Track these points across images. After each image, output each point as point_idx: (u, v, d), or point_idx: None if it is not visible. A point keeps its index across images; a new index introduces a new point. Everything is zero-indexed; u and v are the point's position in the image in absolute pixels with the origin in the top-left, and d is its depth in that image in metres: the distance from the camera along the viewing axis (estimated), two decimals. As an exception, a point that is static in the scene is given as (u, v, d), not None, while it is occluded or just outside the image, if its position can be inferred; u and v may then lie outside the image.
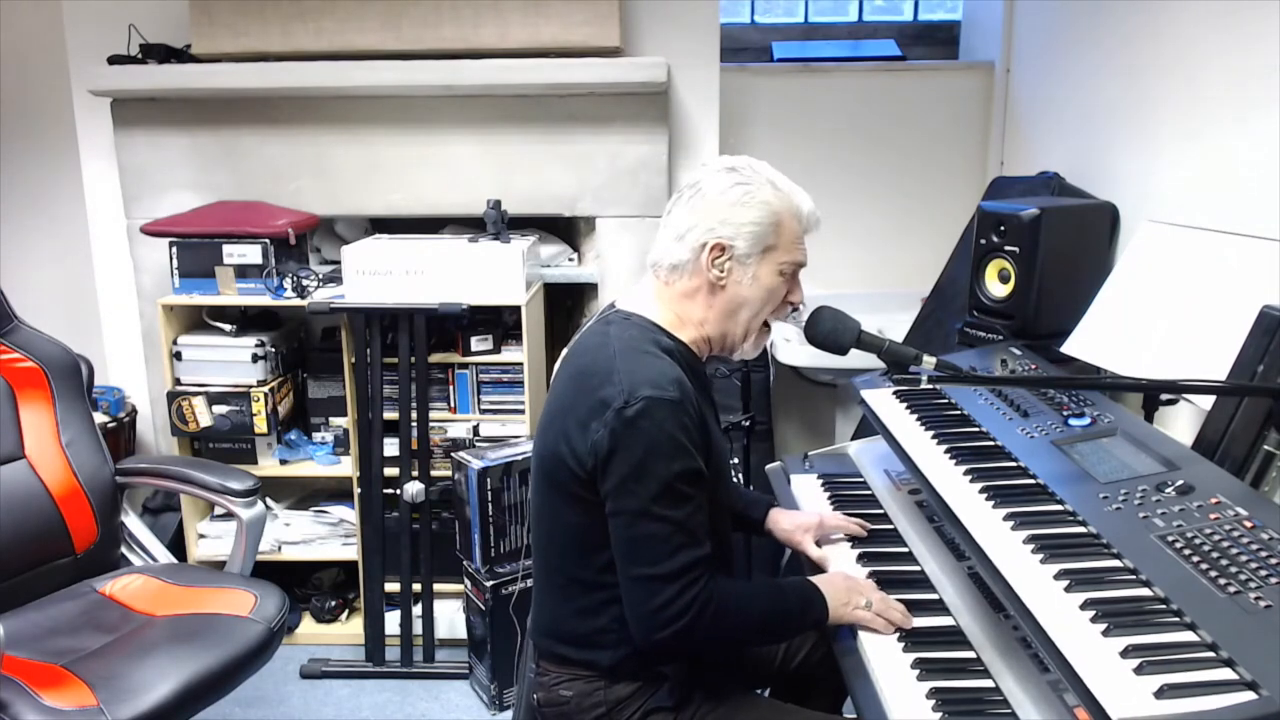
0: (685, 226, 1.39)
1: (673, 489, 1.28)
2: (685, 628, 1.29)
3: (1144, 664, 0.99)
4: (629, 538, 1.30)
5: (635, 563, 1.30)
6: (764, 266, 1.40)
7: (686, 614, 1.28)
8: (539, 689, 1.48)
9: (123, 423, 3.05)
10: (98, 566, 2.15)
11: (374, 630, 2.71)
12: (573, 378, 1.39)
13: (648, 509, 1.27)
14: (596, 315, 1.52)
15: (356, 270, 2.60)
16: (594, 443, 1.29)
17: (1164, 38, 2.19)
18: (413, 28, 2.76)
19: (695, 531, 1.30)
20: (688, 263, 1.40)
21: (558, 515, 1.40)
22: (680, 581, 1.28)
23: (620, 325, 1.41)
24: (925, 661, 1.33)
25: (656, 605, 1.28)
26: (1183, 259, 1.82)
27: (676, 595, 1.28)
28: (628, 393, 1.28)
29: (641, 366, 1.32)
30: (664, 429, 1.27)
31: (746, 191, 1.38)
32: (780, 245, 1.41)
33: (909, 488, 1.82)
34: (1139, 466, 1.37)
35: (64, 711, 1.61)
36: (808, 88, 3.34)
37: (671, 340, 1.41)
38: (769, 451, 3.13)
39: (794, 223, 1.42)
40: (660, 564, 1.28)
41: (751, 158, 1.44)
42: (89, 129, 3.01)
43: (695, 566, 1.29)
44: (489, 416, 2.74)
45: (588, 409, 1.31)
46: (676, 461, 1.28)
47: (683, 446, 1.28)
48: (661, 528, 1.28)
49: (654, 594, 1.29)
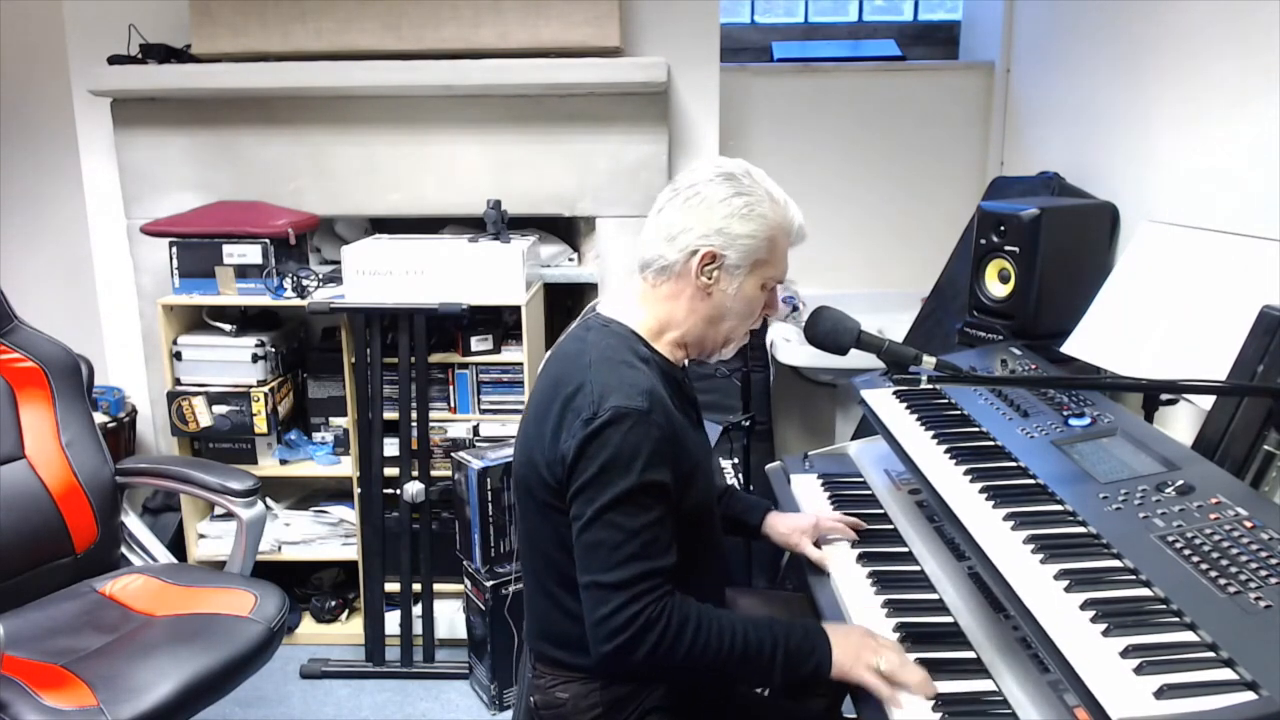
0: (678, 228, 1.38)
1: (630, 498, 1.25)
2: (629, 642, 1.24)
3: (1144, 664, 0.99)
4: (583, 543, 1.28)
5: (585, 569, 1.28)
6: (750, 280, 1.39)
7: (630, 628, 1.24)
8: (536, 691, 1.48)
9: (123, 423, 3.05)
10: (98, 566, 2.15)
11: (374, 630, 2.71)
12: (549, 388, 1.38)
13: (601, 515, 1.26)
14: (578, 319, 1.51)
15: (356, 270, 2.60)
16: (562, 453, 1.29)
17: (1164, 38, 2.19)
18: (413, 28, 2.76)
19: (651, 544, 1.26)
20: (675, 264, 1.38)
21: (536, 523, 1.39)
22: (627, 592, 1.24)
23: (599, 333, 1.40)
24: (925, 662, 1.32)
25: (603, 614, 1.25)
26: (1183, 259, 1.82)
27: (622, 606, 1.24)
28: (597, 402, 1.27)
29: (613, 377, 1.31)
30: (628, 439, 1.25)
31: (747, 204, 1.36)
32: (770, 261, 1.40)
33: (909, 488, 1.82)
34: (1139, 466, 1.37)
35: (64, 711, 1.61)
36: (808, 88, 3.34)
37: (649, 349, 1.40)
38: (769, 451, 3.13)
39: (784, 239, 1.40)
40: (609, 572, 1.25)
41: (747, 163, 1.41)
42: (89, 129, 3.01)
43: (646, 579, 1.25)
44: (489, 416, 2.74)
45: (559, 420, 1.31)
46: (637, 472, 1.25)
47: (645, 457, 1.26)
48: (613, 535, 1.25)
49: (601, 602, 1.25)
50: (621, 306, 1.45)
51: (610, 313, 1.45)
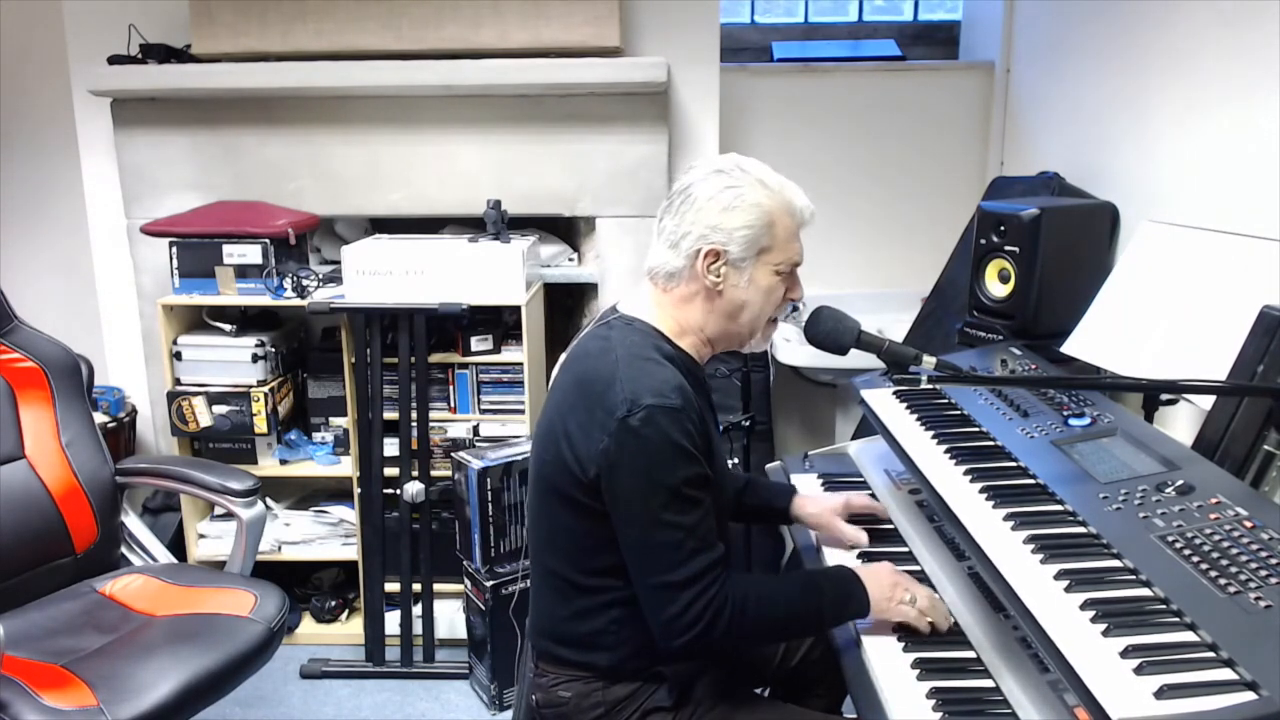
0: (678, 234, 1.38)
1: (681, 495, 1.28)
2: (703, 631, 1.29)
3: (1144, 664, 0.99)
4: (642, 547, 1.30)
5: (650, 571, 1.30)
6: (760, 268, 1.39)
7: (704, 618, 1.29)
8: (537, 690, 1.48)
9: (123, 423, 3.05)
10: (98, 566, 2.15)
11: (374, 630, 2.71)
12: (575, 384, 1.38)
13: (659, 517, 1.28)
14: (597, 318, 1.52)
15: (356, 270, 2.60)
16: (599, 451, 1.29)
17: (1164, 37, 2.19)
18: (413, 28, 2.76)
19: (706, 535, 1.31)
20: (683, 269, 1.39)
21: (556, 520, 1.40)
22: (696, 586, 1.28)
23: (622, 330, 1.40)
24: (925, 661, 1.33)
25: (675, 612, 1.29)
26: (1183, 259, 1.82)
27: (693, 600, 1.28)
28: (631, 401, 1.28)
29: (644, 374, 1.32)
30: (668, 437, 1.27)
31: (736, 194, 1.36)
32: (775, 245, 1.39)
33: (909, 487, 1.82)
34: (1139, 466, 1.37)
35: (64, 711, 1.61)
36: (808, 88, 3.34)
37: (672, 347, 1.41)
38: (769, 451, 3.13)
39: (787, 219, 1.39)
40: (675, 571, 1.28)
41: (740, 156, 1.41)
42: (89, 129, 3.01)
43: (710, 570, 1.30)
44: (489, 416, 2.74)
45: (591, 416, 1.31)
46: (682, 468, 1.28)
47: (687, 453, 1.29)
48: (673, 535, 1.28)
49: (671, 601, 1.29)
50: (641, 306, 1.45)
51: (632, 311, 1.45)
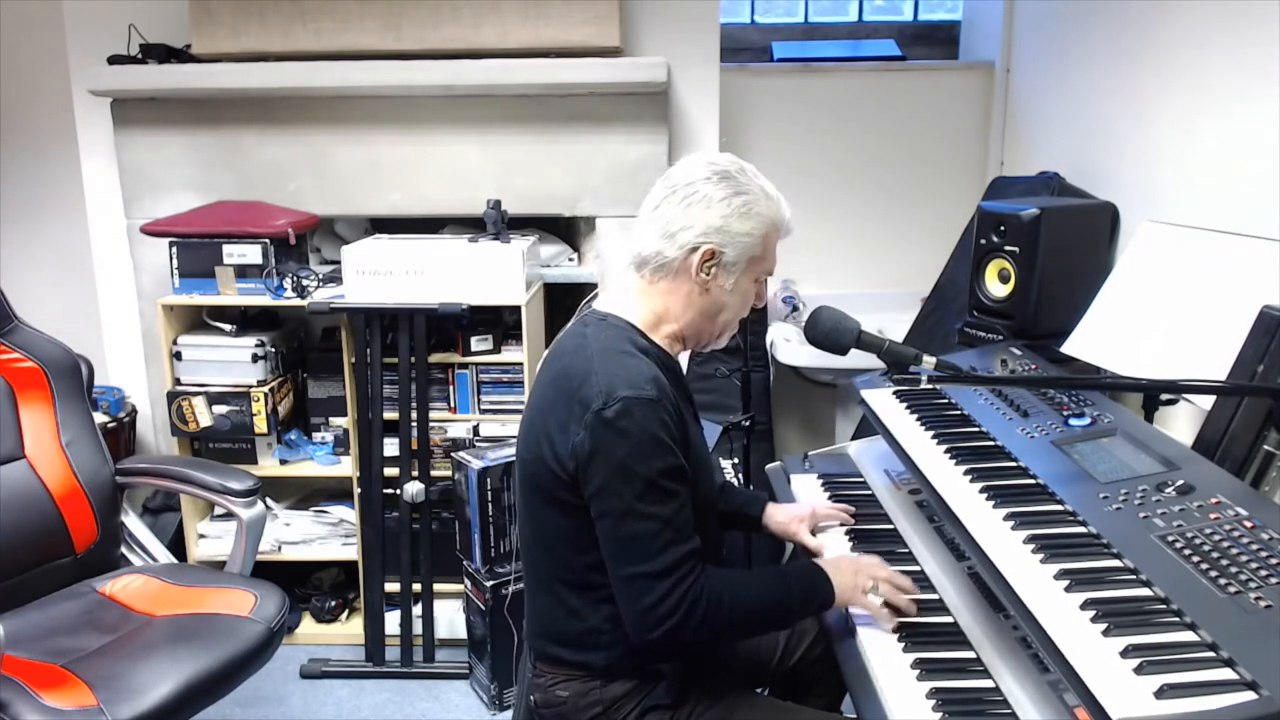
0: (677, 226, 1.39)
1: (657, 486, 1.29)
2: (678, 623, 1.29)
3: (1144, 664, 0.99)
4: (617, 538, 1.31)
5: (625, 562, 1.31)
6: (746, 275, 1.43)
7: (679, 610, 1.29)
8: (536, 690, 1.48)
9: (123, 423, 3.05)
10: (98, 566, 2.15)
11: (374, 630, 2.71)
12: (552, 381, 1.40)
13: (633, 508, 1.28)
14: (575, 316, 1.53)
15: (356, 270, 2.60)
16: (574, 445, 1.30)
17: (1164, 37, 2.19)
18: (413, 28, 2.76)
19: (682, 527, 1.31)
20: (674, 261, 1.40)
21: (543, 519, 1.40)
22: (671, 578, 1.29)
23: (597, 327, 1.42)
24: (925, 661, 1.33)
25: (649, 603, 1.29)
26: (1183, 259, 1.82)
27: (668, 592, 1.29)
28: (606, 393, 1.29)
29: (619, 367, 1.33)
30: (644, 428, 1.28)
31: (746, 203, 1.38)
32: (764, 256, 1.43)
33: (909, 488, 1.82)
34: (1139, 466, 1.37)
35: (64, 711, 1.61)
36: (808, 88, 3.34)
37: (647, 341, 1.42)
38: (769, 451, 3.13)
39: (776, 234, 1.44)
40: (650, 561, 1.29)
41: (736, 158, 1.43)
42: (89, 129, 3.01)
43: (684, 561, 1.30)
44: (489, 416, 2.74)
45: (567, 411, 1.32)
46: (658, 459, 1.29)
47: (663, 443, 1.29)
48: (648, 525, 1.29)
49: (645, 592, 1.29)
50: (617, 301, 1.47)
51: (606, 307, 1.46)
